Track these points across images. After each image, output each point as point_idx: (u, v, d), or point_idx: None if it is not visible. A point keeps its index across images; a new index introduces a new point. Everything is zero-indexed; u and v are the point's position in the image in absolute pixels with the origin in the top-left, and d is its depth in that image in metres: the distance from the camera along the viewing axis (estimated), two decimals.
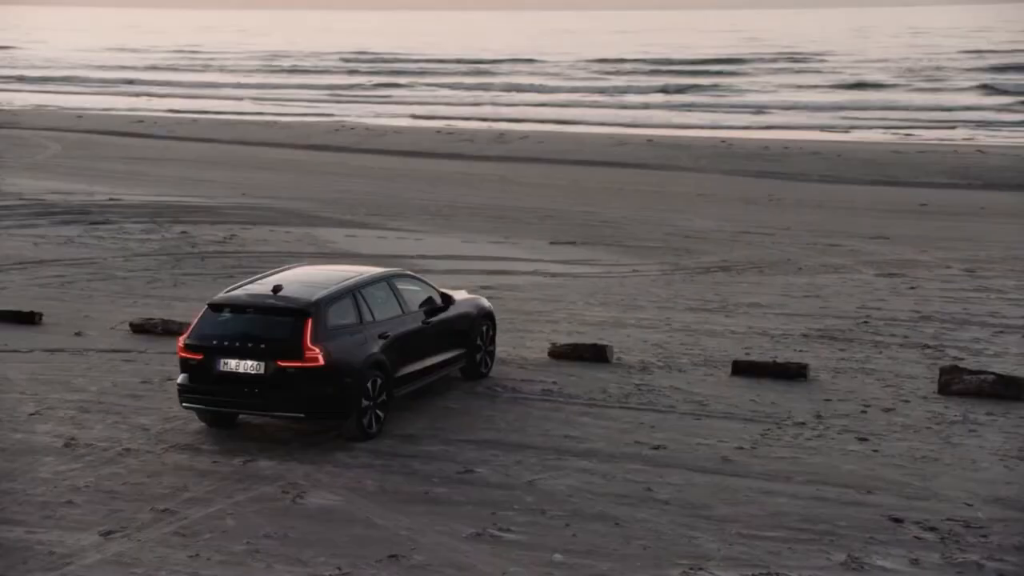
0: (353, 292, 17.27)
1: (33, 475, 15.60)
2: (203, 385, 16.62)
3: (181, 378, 16.89)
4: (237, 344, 16.40)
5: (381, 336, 17.23)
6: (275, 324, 16.50)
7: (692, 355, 21.19)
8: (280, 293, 16.91)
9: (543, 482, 15.43)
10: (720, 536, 13.79)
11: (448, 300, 19.00)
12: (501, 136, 60.62)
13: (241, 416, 17.55)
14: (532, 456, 16.32)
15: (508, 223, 35.58)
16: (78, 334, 22.47)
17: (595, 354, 20.75)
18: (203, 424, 17.47)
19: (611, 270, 28.75)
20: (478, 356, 19.64)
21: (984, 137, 64.83)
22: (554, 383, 19.50)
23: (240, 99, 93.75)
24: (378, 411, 17.01)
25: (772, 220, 36.88)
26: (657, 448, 16.62)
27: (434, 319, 18.48)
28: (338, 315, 16.81)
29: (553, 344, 21.18)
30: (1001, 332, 22.84)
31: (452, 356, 18.99)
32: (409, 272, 19.23)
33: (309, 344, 16.27)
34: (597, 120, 74.71)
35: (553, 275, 28.06)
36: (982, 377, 18.94)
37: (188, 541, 13.68)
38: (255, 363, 16.34)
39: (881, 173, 49.32)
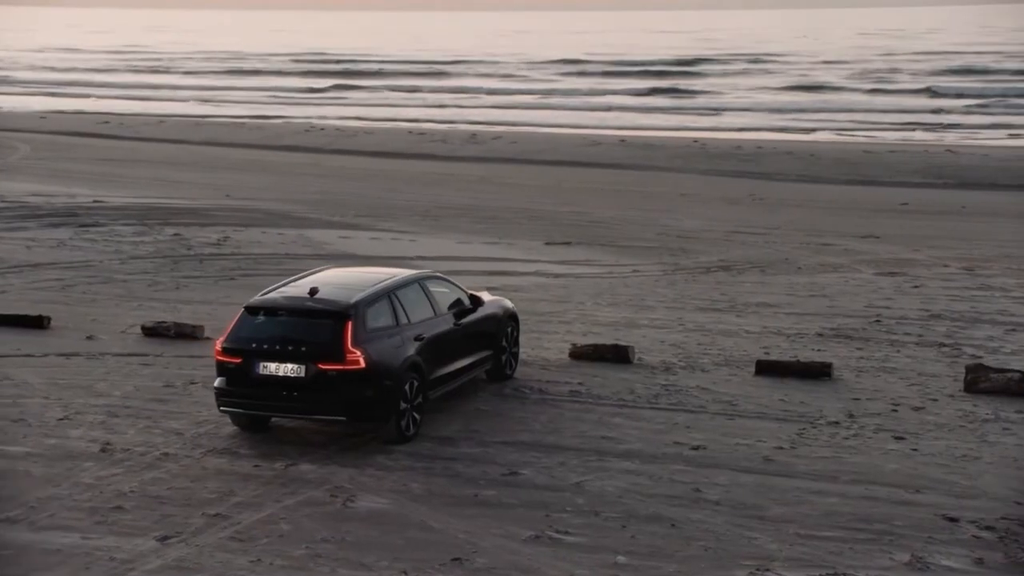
0: (388, 294, 17.20)
1: (75, 480, 15.45)
2: (242, 388, 16.51)
3: (218, 381, 16.76)
4: (277, 347, 16.30)
5: (416, 338, 17.17)
6: (314, 327, 16.40)
7: (712, 355, 21.23)
8: (316, 296, 16.79)
9: (590, 484, 15.41)
10: (778, 536, 13.82)
11: (477, 301, 18.96)
12: (473, 136, 60.55)
13: (274, 419, 17.40)
14: (573, 458, 16.29)
15: (498, 224, 35.53)
16: (90, 338, 22.26)
17: (616, 355, 20.76)
18: (236, 428, 17.33)
19: (612, 270, 28.76)
20: (503, 357, 19.61)
21: (930, 138, 65.21)
22: (580, 384, 19.49)
23: (186, 100, 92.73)
24: (415, 414, 16.93)
25: (759, 220, 37.01)
26: (697, 448, 16.63)
27: (464, 320, 18.45)
28: (376, 317, 16.74)
29: (574, 345, 21.17)
30: (1014, 330, 23.02)
31: (481, 357, 18.96)
32: (439, 273, 19.16)
33: (350, 347, 16.18)
34: (565, 121, 74.63)
35: (555, 276, 28.05)
36: (1008, 375, 19.09)
37: (246, 546, 13.58)
38: (295, 366, 16.24)
39: (856, 173, 49.60)
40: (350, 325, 16.29)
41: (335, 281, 17.45)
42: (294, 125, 68.83)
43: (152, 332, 22.55)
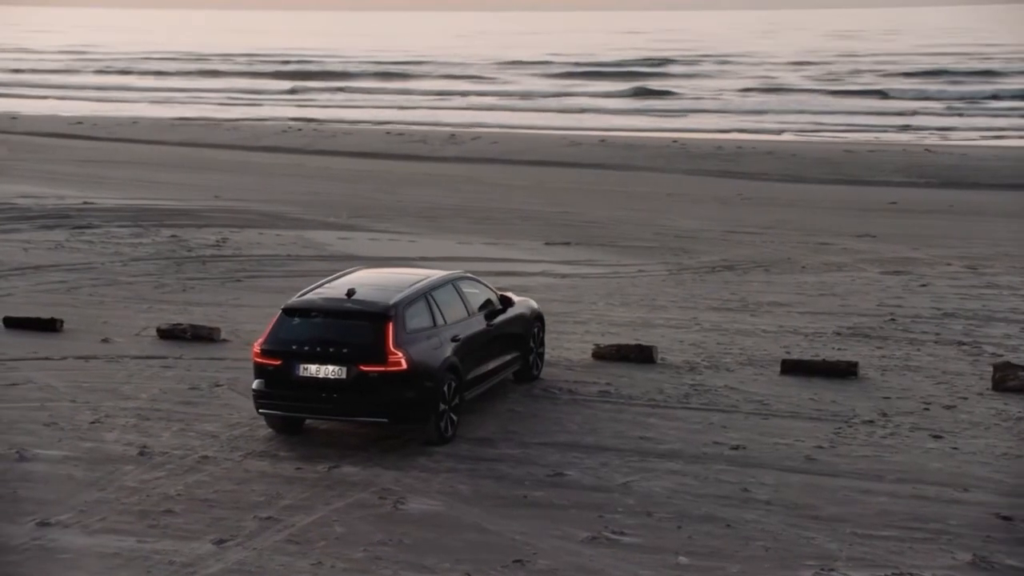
0: (425, 295, 17.14)
1: (120, 484, 15.32)
2: (281, 390, 16.41)
3: (256, 384, 16.64)
4: (318, 349, 16.20)
5: (453, 339, 17.13)
6: (355, 328, 16.32)
7: (734, 355, 21.25)
8: (354, 297, 16.71)
9: (637, 484, 15.40)
10: (835, 536, 13.84)
11: (507, 302, 18.91)
12: (453, 137, 60.44)
13: (308, 421, 17.31)
14: (615, 458, 16.27)
15: (493, 224, 35.48)
16: (105, 340, 22.08)
17: (640, 355, 20.76)
18: (271, 430, 17.21)
19: (617, 270, 28.76)
20: (531, 358, 19.57)
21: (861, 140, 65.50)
22: (608, 384, 19.47)
23: (137, 102, 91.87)
24: (452, 415, 16.88)
25: (752, 219, 37.10)
26: (737, 448, 16.64)
27: (495, 321, 18.40)
28: (414, 318, 16.68)
29: (597, 345, 21.15)
30: None
31: (512, 358, 18.94)
32: (470, 274, 19.10)
33: (391, 348, 16.11)
34: (540, 122, 74.62)
35: (562, 276, 28.02)
36: None
37: (304, 549, 13.49)
38: (336, 368, 16.15)
39: (839, 172, 49.80)
40: (391, 326, 16.22)
41: (370, 282, 17.36)
42: (271, 126, 68.49)
43: (168, 334, 22.38)
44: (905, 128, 71.34)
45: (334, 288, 17.17)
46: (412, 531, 13.97)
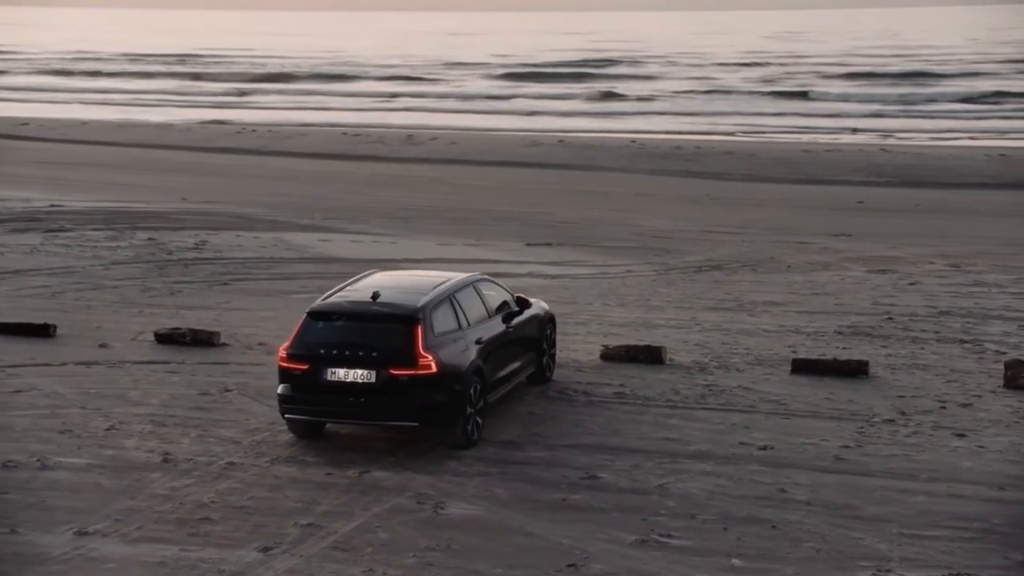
0: (450, 297, 16.98)
1: (150, 492, 15.08)
2: (308, 395, 16.20)
3: (282, 388, 16.42)
4: (347, 353, 16.00)
5: (477, 341, 16.98)
6: (383, 331, 16.14)
7: (740, 354, 21.25)
8: (380, 300, 16.53)
9: (674, 486, 15.34)
10: (882, 536, 13.83)
11: (524, 304, 18.80)
12: (410, 138, 60.19)
13: (328, 425, 17.12)
14: (645, 460, 16.21)
15: (470, 225, 35.35)
16: (102, 346, 21.74)
17: (649, 356, 20.71)
18: (291, 436, 17.00)
19: (605, 271, 28.71)
20: (544, 360, 19.47)
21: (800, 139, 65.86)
22: (622, 385, 19.40)
23: (74, 103, 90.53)
24: (478, 418, 16.74)
25: (726, 219, 37.20)
26: (765, 449, 16.62)
27: (513, 323, 18.26)
28: (441, 321, 16.54)
29: (605, 347, 21.08)
30: None
31: (528, 360, 18.84)
32: (487, 276, 18.97)
33: (422, 351, 15.94)
34: (492, 124, 74.48)
35: (552, 277, 27.92)
36: None
37: (353, 556, 13.33)
38: (365, 372, 15.97)
39: (800, 172, 50.06)
40: (420, 329, 16.06)
41: (392, 285, 17.19)
42: (224, 127, 67.85)
43: (166, 339, 22.08)
44: (855, 131, 71.69)
45: (357, 291, 16.98)
46: (457, 536, 13.82)
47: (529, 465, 16.03)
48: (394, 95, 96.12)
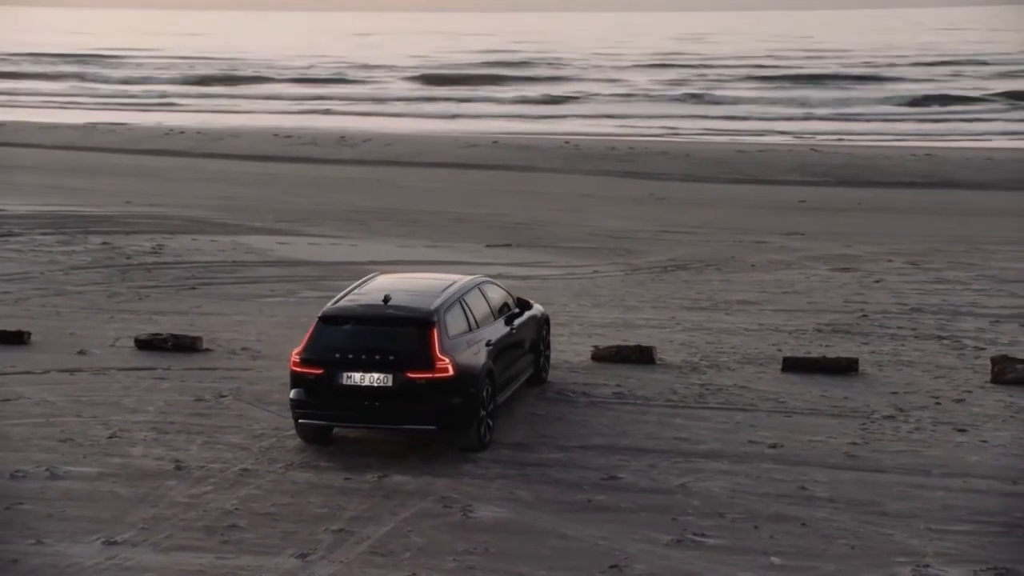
0: (459, 299, 16.93)
1: (170, 500, 14.88)
2: (323, 399, 16.07)
3: (295, 393, 16.26)
4: (363, 356, 15.88)
5: (487, 344, 16.94)
6: (399, 335, 16.05)
7: (728, 353, 21.39)
8: (392, 303, 16.45)
9: (694, 485, 15.41)
10: (911, 532, 13.99)
11: (525, 305, 18.80)
12: (343, 139, 59.89)
13: (336, 430, 17.00)
14: (660, 459, 16.27)
15: (425, 227, 35.27)
16: (82, 353, 21.40)
17: (640, 356, 20.78)
18: (300, 441, 16.85)
19: (573, 271, 28.77)
20: (540, 361, 19.48)
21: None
22: (619, 386, 19.46)
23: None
24: (489, 420, 16.71)
25: (676, 219, 37.47)
26: (775, 447, 16.75)
27: (515, 324, 18.25)
28: (454, 324, 16.49)
29: (596, 347, 21.13)
30: (998, 321, 23.73)
31: (528, 361, 18.84)
32: (489, 278, 18.95)
33: (438, 354, 15.87)
34: (412, 126, 74.22)
35: (522, 278, 27.91)
36: None
37: (393, 561, 13.25)
38: (382, 375, 15.87)
39: (736, 172, 50.53)
40: (435, 332, 15.98)
41: (401, 288, 17.09)
42: (150, 129, 67.02)
43: (147, 345, 21.79)
44: (783, 133, 72.34)
45: (366, 295, 16.87)
46: (492, 540, 13.78)
47: (547, 467, 16.01)
48: (320, 97, 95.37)
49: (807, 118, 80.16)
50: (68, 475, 15.67)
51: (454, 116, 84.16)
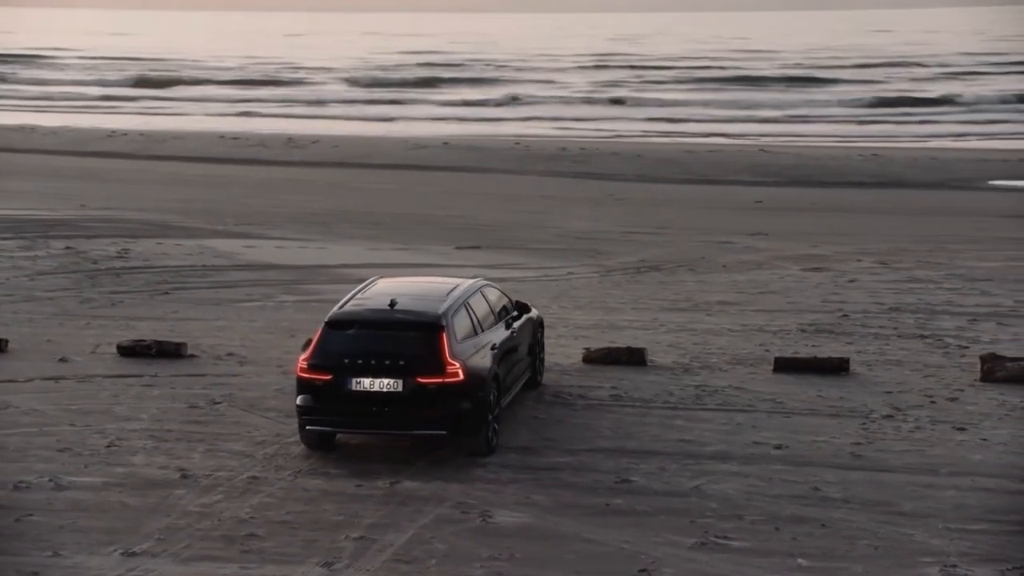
0: (464, 303, 16.83)
1: (182, 509, 14.68)
2: (332, 406, 15.90)
3: (301, 399, 16.09)
4: (372, 362, 15.74)
5: (492, 348, 16.86)
6: (408, 339, 15.93)
7: (717, 354, 21.43)
8: (397, 307, 16.32)
9: (708, 487, 15.42)
10: (930, 532, 14.07)
11: (523, 308, 18.75)
12: (291, 141, 59.49)
13: (339, 436, 16.85)
14: (669, 462, 16.27)
15: (389, 229, 35.09)
16: (63, 360, 21.06)
17: (632, 357, 20.78)
18: (302, 447, 16.68)
19: (547, 273, 28.72)
20: (536, 364, 19.42)
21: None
22: (614, 388, 19.44)
23: None
24: (495, 424, 16.63)
25: (639, 219, 37.51)
26: (780, 448, 16.79)
27: (515, 327, 18.18)
28: (461, 327, 16.40)
29: (587, 349, 21.10)
30: (975, 320, 23.94)
31: (526, 364, 18.78)
32: (488, 281, 18.88)
33: (449, 358, 15.76)
34: (360, 128, 73.80)
35: (499, 281, 27.70)
36: (1022, 364, 19.81)
37: (419, 568, 13.15)
38: (391, 381, 15.74)
39: (689, 172, 50.70)
40: (445, 336, 15.87)
41: (405, 292, 16.98)
42: (92, 131, 66.08)
43: (130, 351, 21.50)
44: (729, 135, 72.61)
45: (371, 299, 16.72)
46: (516, 545, 13.70)
47: (558, 471, 15.95)
48: (256, 100, 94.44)
49: (748, 120, 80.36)
50: (73, 485, 15.42)
51: (392, 119, 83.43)
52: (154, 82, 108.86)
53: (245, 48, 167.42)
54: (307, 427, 16.07)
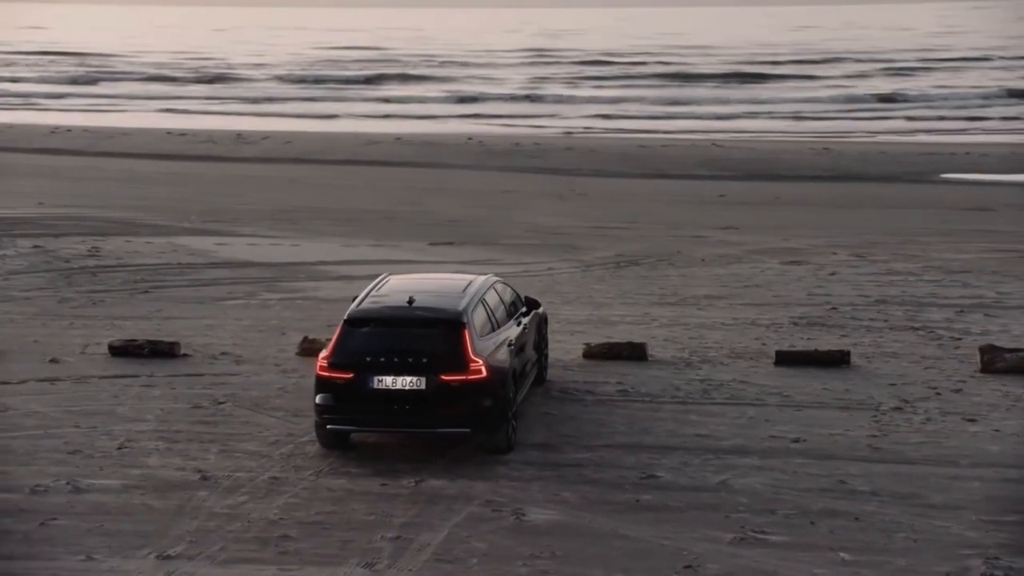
0: (481, 299, 16.69)
1: (208, 511, 14.46)
2: (353, 404, 15.70)
3: (321, 398, 15.87)
4: (394, 359, 15.55)
5: (508, 344, 16.73)
6: (430, 337, 15.76)
7: (715, 349, 21.42)
8: (416, 304, 16.15)
9: (734, 482, 15.39)
10: (964, 524, 14.11)
11: (533, 304, 18.64)
12: (241, 137, 58.97)
13: (353, 435, 16.64)
14: (691, 457, 16.23)
15: (360, 226, 34.84)
16: (54, 361, 20.69)
17: (633, 352, 20.72)
18: (318, 447, 16.48)
19: (528, 269, 28.60)
20: (543, 360, 19.33)
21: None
22: (619, 383, 19.38)
23: None
24: (514, 421, 16.51)
25: (606, 214, 37.52)
26: (797, 441, 16.79)
27: (524, 323, 18.06)
28: (480, 324, 16.26)
29: (588, 344, 21.03)
30: (962, 311, 24.10)
31: (536, 360, 18.67)
32: (499, 277, 18.74)
33: (472, 356, 15.61)
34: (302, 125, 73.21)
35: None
36: (1021, 355, 19.96)
37: (462, 568, 13.03)
38: (414, 378, 15.56)
39: (645, 167, 50.77)
40: (467, 332, 15.72)
41: (420, 289, 16.79)
42: (32, 127, 65.01)
43: (122, 351, 21.15)
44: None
45: (388, 296, 16.53)
46: (555, 543, 13.60)
47: (581, 467, 15.87)
48: (199, 97, 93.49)
49: (691, 116, 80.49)
50: (92, 488, 15.15)
51: (336, 116, 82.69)
52: (85, 78, 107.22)
53: (173, 44, 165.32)
54: (328, 426, 15.82)
